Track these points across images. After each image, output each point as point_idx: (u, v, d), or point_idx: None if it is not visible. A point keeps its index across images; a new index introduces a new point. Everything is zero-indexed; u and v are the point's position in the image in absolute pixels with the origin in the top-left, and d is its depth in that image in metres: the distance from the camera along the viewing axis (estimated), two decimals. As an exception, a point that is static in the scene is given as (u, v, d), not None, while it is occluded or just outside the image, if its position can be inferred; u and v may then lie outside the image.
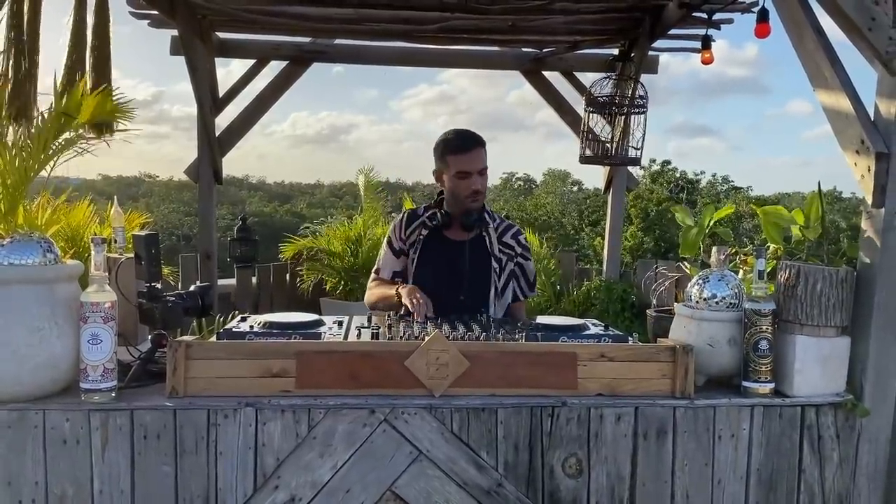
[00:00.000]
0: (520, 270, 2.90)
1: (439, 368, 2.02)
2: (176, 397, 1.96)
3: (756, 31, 3.27)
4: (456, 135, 2.76)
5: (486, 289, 2.81)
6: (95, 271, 1.93)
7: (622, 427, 2.08)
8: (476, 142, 2.72)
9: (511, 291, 2.89)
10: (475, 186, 2.70)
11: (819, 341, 2.15)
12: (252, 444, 1.97)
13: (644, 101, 4.50)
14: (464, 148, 2.70)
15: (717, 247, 2.31)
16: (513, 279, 2.89)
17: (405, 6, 4.44)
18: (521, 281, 2.91)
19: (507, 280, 2.87)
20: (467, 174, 2.69)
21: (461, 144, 2.71)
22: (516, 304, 2.93)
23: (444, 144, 2.75)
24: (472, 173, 2.69)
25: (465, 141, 2.71)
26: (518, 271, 2.90)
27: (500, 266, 2.84)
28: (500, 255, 2.85)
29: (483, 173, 2.72)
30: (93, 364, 1.91)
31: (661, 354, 2.11)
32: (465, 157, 2.69)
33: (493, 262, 2.82)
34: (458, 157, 2.70)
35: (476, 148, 2.71)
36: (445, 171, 2.75)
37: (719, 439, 2.12)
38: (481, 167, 2.70)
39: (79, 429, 1.91)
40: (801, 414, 2.15)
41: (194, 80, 5.01)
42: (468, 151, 2.69)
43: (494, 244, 2.84)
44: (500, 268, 2.84)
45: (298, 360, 2.00)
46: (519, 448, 2.05)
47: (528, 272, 2.92)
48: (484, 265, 2.81)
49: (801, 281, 2.15)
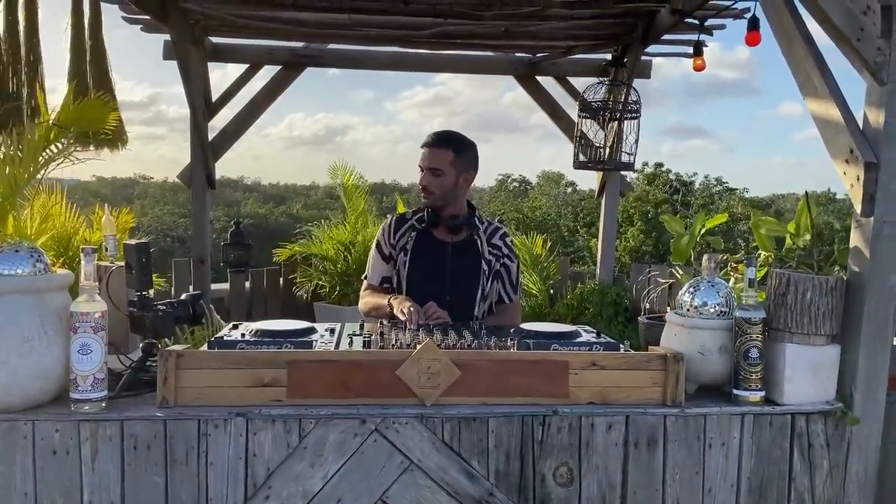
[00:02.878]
0: (505, 271, 2.94)
1: (430, 377, 2.02)
2: (166, 407, 1.96)
3: (747, 39, 3.28)
4: (433, 132, 2.86)
5: (473, 290, 2.85)
6: (86, 281, 1.93)
7: (613, 435, 2.08)
8: (437, 142, 2.81)
9: (496, 293, 2.93)
10: (422, 182, 2.83)
11: (809, 349, 2.16)
12: (242, 454, 1.96)
13: (637, 106, 4.51)
14: (425, 143, 2.83)
15: (707, 254, 2.32)
16: (497, 279, 2.92)
17: (399, 12, 4.44)
18: (506, 282, 2.94)
19: (493, 280, 2.91)
20: (421, 168, 2.82)
21: (426, 140, 2.83)
22: (505, 306, 2.95)
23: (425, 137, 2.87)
24: (424, 169, 2.81)
25: (431, 138, 2.83)
26: (503, 272, 2.93)
27: (489, 268, 2.89)
28: (490, 257, 2.90)
29: (436, 174, 2.80)
30: (82, 374, 1.90)
31: (653, 363, 2.12)
32: (423, 151, 2.83)
33: (482, 264, 2.87)
34: (421, 151, 2.84)
35: (434, 147, 2.81)
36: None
37: (710, 447, 2.12)
38: (431, 166, 2.80)
39: (68, 439, 1.90)
40: (792, 422, 2.16)
41: (187, 84, 5.01)
42: (425, 146, 2.82)
43: (484, 246, 2.90)
44: (490, 269, 2.89)
45: (290, 369, 2.00)
46: (510, 457, 2.05)
47: (512, 274, 2.95)
48: (474, 267, 2.86)
49: (792, 289, 2.15)
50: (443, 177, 2.78)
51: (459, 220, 2.84)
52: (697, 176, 30.98)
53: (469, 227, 2.88)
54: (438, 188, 2.79)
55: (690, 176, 30.29)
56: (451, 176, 2.79)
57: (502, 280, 2.93)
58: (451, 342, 2.21)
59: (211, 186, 5.45)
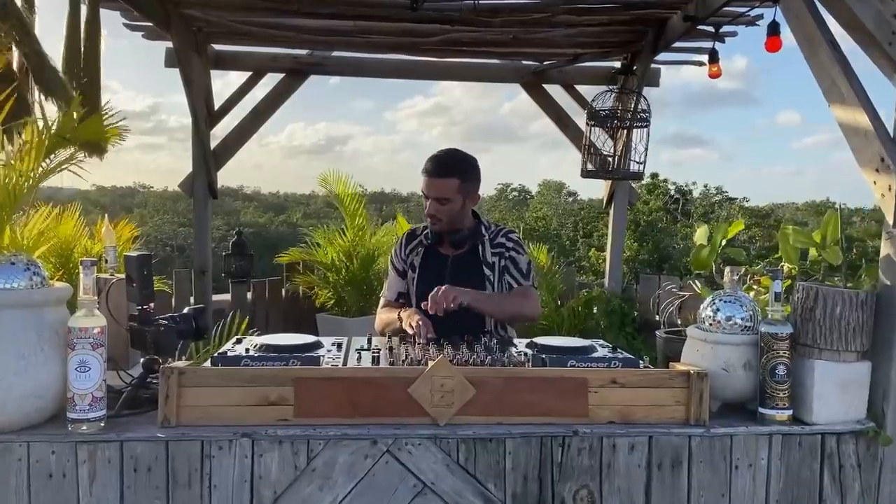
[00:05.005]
0: (511, 262, 2.85)
1: (444, 396, 1.93)
2: (168, 427, 1.87)
3: (767, 44, 3.20)
4: (433, 158, 2.78)
5: None
6: (84, 295, 1.85)
7: (636, 457, 1.99)
8: (441, 171, 2.73)
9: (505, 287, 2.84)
10: (428, 210, 2.76)
11: (839, 366, 2.08)
12: (248, 477, 1.88)
13: (647, 114, 4.44)
14: (429, 172, 2.74)
15: (730, 267, 2.23)
16: (504, 273, 2.84)
17: (406, 18, 4.36)
18: (513, 271, 2.84)
19: (500, 279, 2.84)
20: (426, 196, 2.75)
21: (429, 168, 2.75)
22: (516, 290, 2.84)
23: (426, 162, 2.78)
24: (430, 197, 2.74)
25: (434, 166, 2.74)
26: (510, 264, 2.84)
27: (492, 272, 2.82)
28: (492, 259, 2.83)
29: (442, 202, 2.73)
30: (80, 393, 1.82)
31: (675, 380, 2.03)
32: (427, 180, 2.75)
33: (484, 270, 2.81)
34: (424, 178, 2.76)
35: (439, 178, 2.73)
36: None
37: (736, 469, 2.03)
38: (438, 196, 2.73)
39: (65, 461, 1.81)
40: (822, 442, 2.07)
41: (189, 92, 4.93)
42: (430, 177, 2.74)
43: (487, 250, 2.83)
44: (494, 273, 2.82)
45: (297, 387, 1.91)
46: (528, 479, 1.96)
47: (519, 263, 2.86)
48: (477, 276, 2.79)
49: (820, 303, 2.07)
50: (450, 204, 2.73)
51: (462, 234, 2.81)
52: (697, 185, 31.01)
53: (472, 238, 2.83)
54: (446, 215, 2.75)
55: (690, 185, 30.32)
56: (458, 202, 2.75)
57: (508, 272, 2.84)
58: (463, 357, 2.13)
59: (213, 196, 5.36)
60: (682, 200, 29.08)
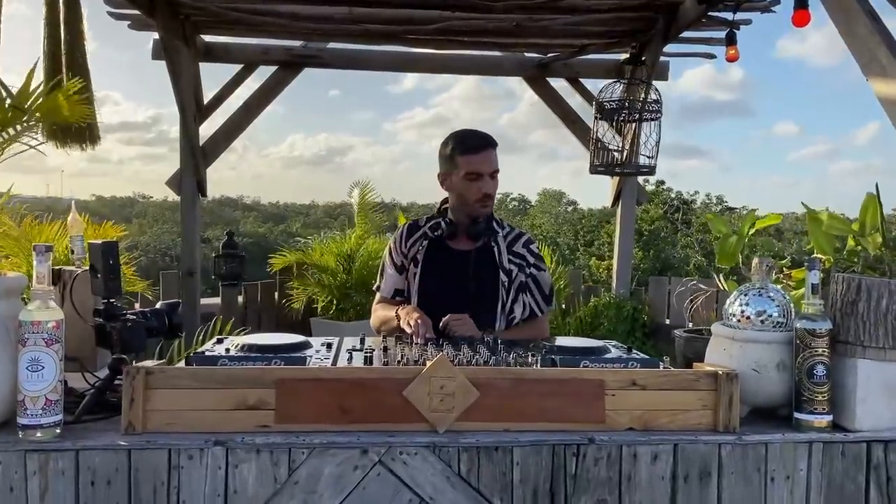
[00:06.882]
0: (533, 282, 2.64)
1: (444, 399, 1.73)
2: (133, 434, 1.66)
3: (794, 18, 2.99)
4: (468, 134, 2.56)
5: (494, 303, 2.58)
6: (38, 284, 1.64)
7: (659, 467, 1.78)
8: (489, 142, 2.53)
9: (522, 306, 2.62)
10: (486, 190, 2.51)
11: (885, 366, 1.86)
12: (221, 491, 1.67)
13: (658, 105, 4.24)
14: (477, 147, 2.50)
15: (759, 258, 2.02)
16: (525, 292, 2.62)
17: (403, 4, 4.16)
18: (536, 294, 2.64)
19: (517, 293, 2.62)
20: (479, 176, 2.50)
21: (475, 144, 2.51)
22: (534, 319, 2.65)
23: (455, 144, 2.54)
24: (484, 175, 2.50)
25: (483, 138, 2.53)
26: (531, 283, 2.64)
27: (509, 279, 2.60)
28: (510, 267, 2.61)
29: (495, 176, 2.53)
30: (32, 395, 1.61)
31: (701, 381, 1.82)
32: (477, 157, 2.49)
33: (501, 275, 2.60)
34: (469, 157, 2.50)
35: (489, 148, 2.52)
36: (454, 172, 2.54)
37: (772, 481, 1.82)
38: (493, 169, 2.51)
39: (13, 473, 1.60)
40: (867, 451, 1.85)
41: (176, 85, 4.75)
42: (481, 151, 2.50)
43: (503, 254, 2.62)
44: (510, 280, 2.60)
45: (279, 389, 1.71)
46: (539, 493, 1.75)
47: (542, 284, 2.66)
48: (492, 278, 2.59)
49: (864, 296, 1.86)
50: (497, 179, 2.56)
51: (481, 225, 2.58)
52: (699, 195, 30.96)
53: (490, 232, 2.62)
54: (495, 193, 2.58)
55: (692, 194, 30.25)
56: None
57: (530, 291, 2.64)
58: (466, 358, 1.92)
59: (202, 194, 5.18)
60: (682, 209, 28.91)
